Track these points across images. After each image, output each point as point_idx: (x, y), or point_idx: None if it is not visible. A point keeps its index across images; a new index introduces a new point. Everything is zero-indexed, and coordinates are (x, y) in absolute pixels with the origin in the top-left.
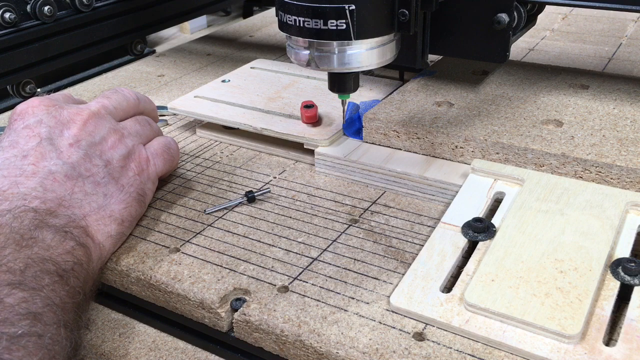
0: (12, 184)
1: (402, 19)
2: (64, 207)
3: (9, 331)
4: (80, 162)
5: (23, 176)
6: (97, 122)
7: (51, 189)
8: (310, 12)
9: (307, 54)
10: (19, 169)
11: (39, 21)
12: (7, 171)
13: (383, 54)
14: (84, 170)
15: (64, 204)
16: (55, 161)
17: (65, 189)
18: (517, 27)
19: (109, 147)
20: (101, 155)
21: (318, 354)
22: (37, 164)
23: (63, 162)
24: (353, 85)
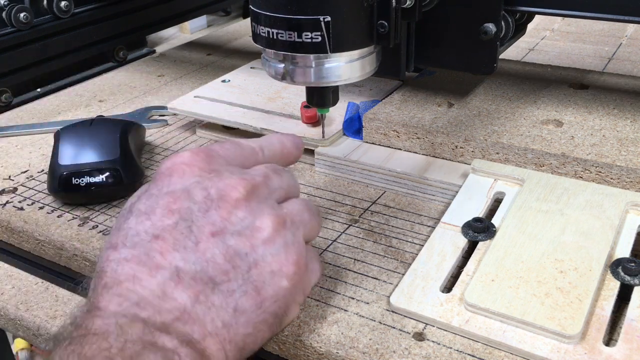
0: (131, 276)
1: (381, 31)
2: (180, 322)
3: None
4: (217, 261)
5: (146, 268)
6: (255, 203)
7: (171, 295)
8: (284, 24)
9: (281, 68)
10: (145, 255)
11: (14, 28)
12: (133, 252)
13: (362, 66)
14: (218, 274)
15: (182, 317)
16: (185, 255)
17: (187, 297)
18: (505, 37)
19: (262, 242)
20: (247, 254)
21: (318, 354)
22: (165, 254)
23: (195, 258)
24: (332, 99)
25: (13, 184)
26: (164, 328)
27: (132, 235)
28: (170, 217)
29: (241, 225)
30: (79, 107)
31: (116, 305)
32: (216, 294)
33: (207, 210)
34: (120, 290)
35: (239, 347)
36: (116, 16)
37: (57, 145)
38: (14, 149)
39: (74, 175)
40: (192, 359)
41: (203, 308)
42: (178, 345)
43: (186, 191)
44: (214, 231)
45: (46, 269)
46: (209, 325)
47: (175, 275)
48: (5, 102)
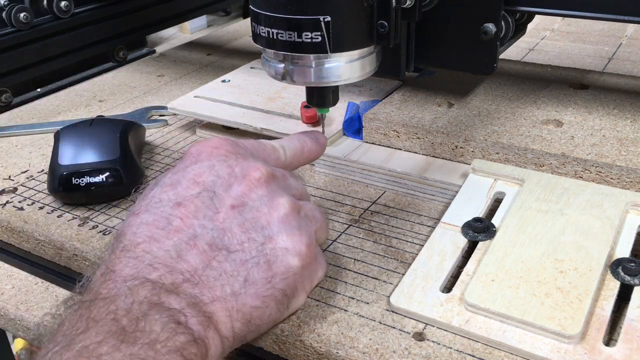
0: (149, 237)
1: (381, 31)
2: (191, 284)
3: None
4: (233, 230)
5: (164, 231)
6: (275, 187)
7: (185, 257)
8: (284, 24)
9: (281, 68)
10: (165, 219)
11: (14, 28)
12: (154, 217)
13: (362, 66)
14: (233, 243)
15: (193, 279)
16: (204, 222)
17: (200, 260)
18: (505, 37)
19: (278, 220)
20: (263, 228)
21: (318, 354)
22: (185, 219)
23: (213, 226)
24: (332, 99)
25: (13, 184)
26: (173, 289)
27: (155, 202)
28: (194, 189)
29: (260, 202)
30: (79, 107)
31: (131, 268)
32: (229, 262)
33: (230, 186)
34: (137, 252)
35: (245, 318)
36: (116, 16)
37: (57, 145)
38: (14, 149)
39: (74, 175)
40: (198, 321)
41: (214, 273)
42: (185, 307)
43: (212, 167)
44: (234, 204)
45: (46, 269)
46: (218, 290)
47: (191, 240)
48: (5, 102)
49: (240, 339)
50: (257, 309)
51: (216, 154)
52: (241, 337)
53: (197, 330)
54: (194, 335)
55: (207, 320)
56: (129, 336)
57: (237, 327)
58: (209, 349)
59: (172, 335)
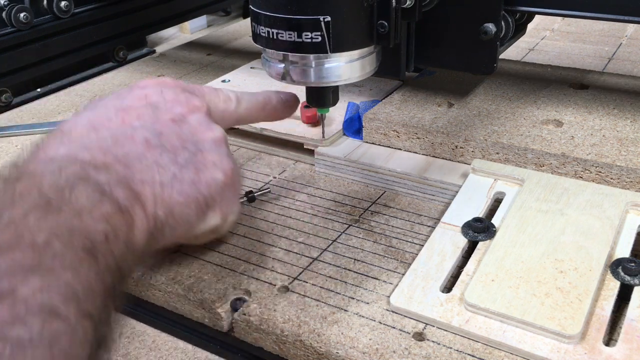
0: (90, 128)
1: (381, 31)
2: (122, 165)
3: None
4: (170, 135)
5: (105, 124)
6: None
7: (121, 144)
8: (284, 24)
9: (281, 68)
10: (107, 117)
11: (14, 28)
12: (96, 114)
13: (362, 66)
14: (168, 144)
15: (125, 161)
16: (144, 124)
17: (136, 150)
18: (505, 37)
19: (212, 140)
20: (197, 142)
21: (318, 354)
22: (126, 120)
23: (153, 129)
24: (332, 99)
25: None
26: (103, 167)
27: (99, 106)
28: (140, 101)
29: (197, 123)
30: (79, 107)
31: (63, 148)
32: (162, 158)
33: (173, 106)
34: (73, 136)
35: (168, 210)
36: (116, 16)
37: None
38: (14, 149)
39: None
40: (125, 195)
41: (148, 162)
42: (113, 181)
43: (159, 90)
44: (174, 118)
45: None
46: (148, 176)
47: (129, 133)
48: (5, 102)
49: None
50: (180, 204)
51: (165, 85)
52: (160, 228)
53: (123, 202)
54: (120, 205)
55: (134, 196)
56: (55, 207)
57: (160, 214)
58: (134, 222)
59: (98, 204)
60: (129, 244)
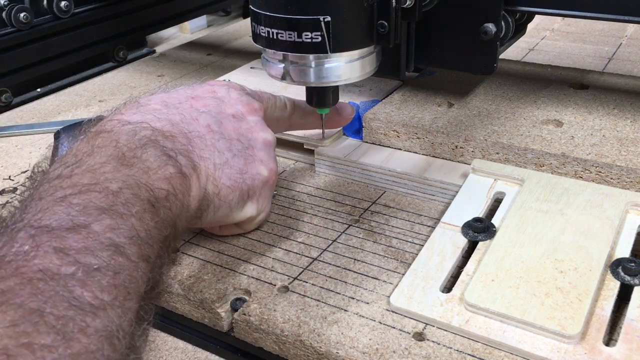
0: (162, 102)
1: (381, 31)
2: (186, 139)
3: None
4: (228, 126)
5: (176, 105)
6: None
7: (188, 122)
8: (284, 24)
9: (281, 68)
10: (178, 99)
11: (14, 28)
12: (170, 96)
13: (362, 67)
14: (226, 133)
15: (189, 136)
16: (209, 111)
17: (199, 130)
18: (505, 37)
19: (263, 141)
20: (250, 139)
21: (318, 354)
22: (194, 105)
23: (216, 118)
24: (332, 99)
25: (13, 184)
26: (170, 137)
27: (173, 91)
28: (207, 94)
29: (254, 123)
30: (79, 107)
31: (138, 115)
32: (219, 143)
33: (235, 104)
34: (147, 108)
35: (216, 190)
36: (116, 16)
37: (57, 145)
38: (14, 149)
39: None
40: (184, 164)
41: (207, 143)
42: (176, 150)
43: (225, 88)
44: (235, 114)
45: None
46: (206, 154)
47: (195, 116)
48: (5, 102)
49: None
50: (227, 187)
51: (232, 86)
52: (207, 204)
53: (184, 168)
54: (181, 170)
55: (193, 166)
56: (128, 161)
57: (210, 190)
58: (191, 188)
59: (163, 165)
60: (184, 206)
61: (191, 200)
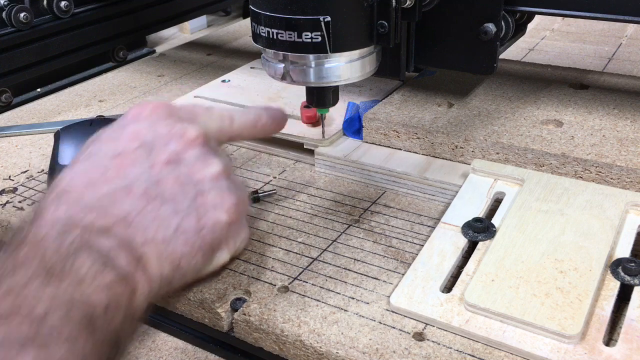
0: (85, 183)
1: (381, 31)
2: (123, 226)
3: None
4: (168, 182)
5: (101, 178)
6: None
7: (120, 202)
8: (284, 24)
9: (281, 68)
10: (102, 167)
11: (14, 28)
12: (91, 166)
13: (362, 66)
14: (167, 192)
15: (125, 221)
16: (141, 172)
17: (135, 206)
18: (505, 37)
19: (210, 177)
20: (196, 184)
21: (318, 354)
22: (121, 169)
23: (149, 176)
24: (332, 99)
25: (13, 184)
26: (105, 230)
27: (93, 154)
28: (132, 143)
29: (195, 160)
30: (79, 107)
31: (63, 212)
32: (162, 210)
33: (167, 143)
34: (70, 197)
35: (174, 264)
36: (116, 16)
37: (57, 145)
38: (14, 149)
39: None
40: (127, 261)
41: (148, 218)
42: (115, 246)
43: (151, 125)
44: (170, 159)
45: None
46: (150, 234)
47: (127, 187)
48: (5, 102)
49: (168, 282)
50: (185, 256)
51: (155, 115)
52: (168, 281)
53: (125, 269)
54: (121, 274)
55: (136, 260)
56: (56, 276)
57: (166, 270)
58: (136, 288)
59: (99, 274)
60: (129, 311)
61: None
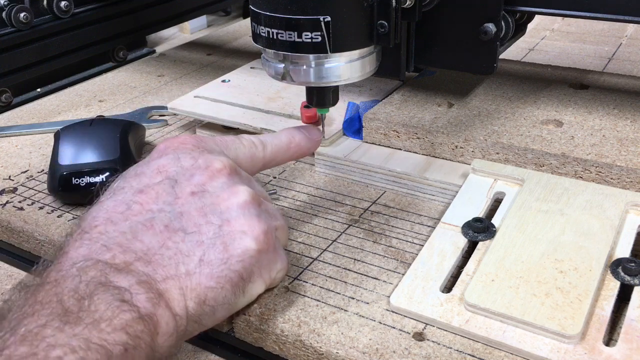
0: (107, 220)
1: (381, 31)
2: (143, 262)
3: None
4: (191, 213)
5: (124, 214)
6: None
7: (141, 238)
8: (284, 24)
9: (281, 68)
10: (125, 204)
11: (14, 28)
12: (115, 202)
13: (363, 66)
14: (190, 225)
15: (146, 257)
16: (163, 206)
17: (157, 241)
18: (505, 37)
19: (237, 205)
20: (222, 213)
21: (318, 354)
22: (145, 204)
23: (171, 209)
24: (332, 99)
25: (13, 184)
26: (123, 267)
27: (118, 190)
28: (156, 177)
29: (220, 189)
30: (79, 107)
31: (84, 249)
32: (185, 243)
33: (192, 175)
34: (92, 234)
35: (200, 298)
36: (116, 16)
37: (57, 145)
38: (14, 149)
39: (74, 175)
40: (147, 298)
41: (169, 253)
42: (134, 284)
43: (176, 159)
44: (194, 191)
45: None
46: (172, 269)
47: (148, 221)
48: (5, 102)
49: (195, 319)
50: (212, 289)
51: (182, 148)
52: (196, 318)
53: (145, 307)
54: (140, 312)
55: (157, 297)
56: (73, 317)
57: (191, 306)
58: (159, 326)
59: (117, 314)
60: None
61: (162, 339)
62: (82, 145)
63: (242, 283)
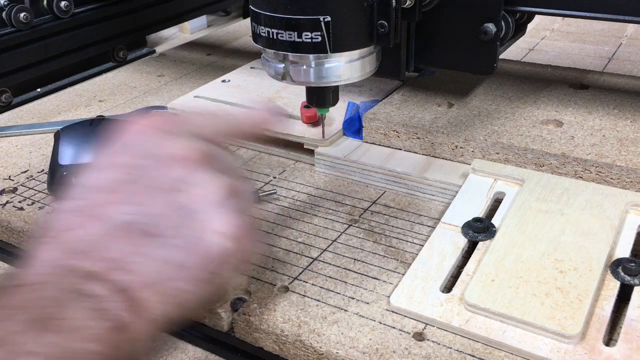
0: (71, 226)
1: (381, 31)
2: (118, 271)
3: None
4: (163, 216)
5: (94, 217)
6: (209, 168)
7: (110, 245)
8: (284, 24)
9: (281, 68)
10: (88, 207)
11: (14, 28)
12: (78, 205)
13: (363, 66)
14: (162, 227)
15: (119, 266)
16: (129, 208)
17: (128, 249)
18: (505, 37)
19: (210, 205)
20: (197, 213)
21: (318, 354)
22: (108, 206)
23: (139, 211)
24: (332, 99)
25: (13, 184)
26: (97, 277)
27: (80, 188)
28: (119, 172)
29: (192, 185)
30: (79, 107)
31: (53, 254)
32: (158, 247)
33: (158, 168)
34: (59, 239)
35: (179, 302)
36: (116, 16)
37: (57, 145)
38: (14, 149)
39: (74, 175)
40: (122, 307)
41: (142, 259)
42: (108, 293)
43: (143, 149)
44: (163, 187)
45: None
46: (146, 275)
47: (118, 227)
48: (5, 102)
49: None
50: (189, 293)
51: (148, 135)
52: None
53: (122, 316)
54: (118, 321)
55: (135, 306)
56: (52, 325)
57: (170, 309)
58: (137, 333)
59: (92, 323)
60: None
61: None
62: (82, 145)
63: (220, 278)
